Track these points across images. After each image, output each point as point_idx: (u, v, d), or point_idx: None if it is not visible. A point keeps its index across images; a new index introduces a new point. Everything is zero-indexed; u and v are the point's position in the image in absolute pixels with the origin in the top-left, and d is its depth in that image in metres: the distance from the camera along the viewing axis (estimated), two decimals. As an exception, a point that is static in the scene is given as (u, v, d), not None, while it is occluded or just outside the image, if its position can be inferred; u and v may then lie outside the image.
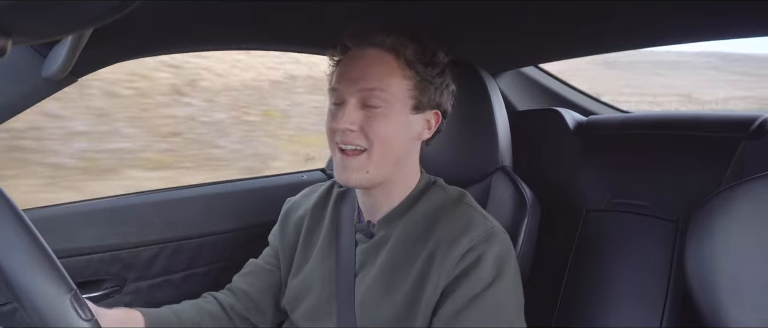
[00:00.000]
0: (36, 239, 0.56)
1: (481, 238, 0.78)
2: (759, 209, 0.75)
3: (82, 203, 1.13)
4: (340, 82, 0.82)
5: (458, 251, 0.77)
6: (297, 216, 0.99)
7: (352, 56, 0.83)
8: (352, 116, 0.79)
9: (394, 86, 0.80)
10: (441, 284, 0.77)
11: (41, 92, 0.86)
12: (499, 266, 0.77)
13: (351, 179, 0.81)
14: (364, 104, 0.80)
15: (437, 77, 0.83)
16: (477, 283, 0.76)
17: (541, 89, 1.59)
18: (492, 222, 0.83)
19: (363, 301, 0.83)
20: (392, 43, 0.80)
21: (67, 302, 0.55)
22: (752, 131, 1.01)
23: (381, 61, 0.80)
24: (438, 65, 0.83)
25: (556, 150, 1.27)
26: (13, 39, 0.30)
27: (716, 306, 0.76)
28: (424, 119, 0.85)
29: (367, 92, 0.79)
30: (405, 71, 0.81)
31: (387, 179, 0.84)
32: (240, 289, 0.97)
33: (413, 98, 0.81)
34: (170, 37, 0.98)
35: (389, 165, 0.82)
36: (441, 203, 0.86)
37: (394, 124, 0.80)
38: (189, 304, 0.93)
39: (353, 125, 0.79)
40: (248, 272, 1.00)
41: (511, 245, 0.82)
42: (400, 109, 0.81)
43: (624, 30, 1.10)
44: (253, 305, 0.96)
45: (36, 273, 0.54)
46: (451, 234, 0.79)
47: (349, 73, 0.81)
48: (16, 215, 0.56)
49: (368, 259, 0.86)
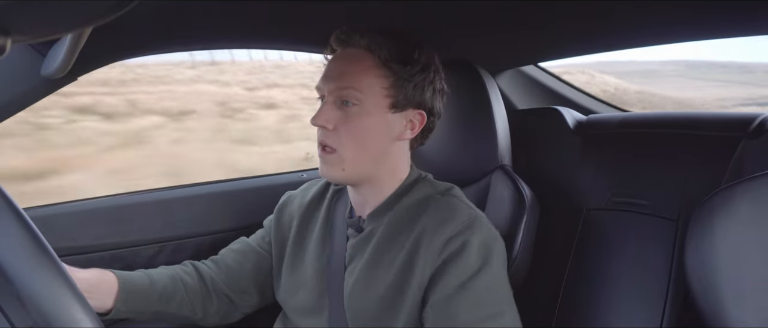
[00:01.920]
0: (37, 239, 0.56)
1: (465, 225, 0.79)
2: (759, 207, 0.75)
3: (81, 202, 1.13)
4: (322, 81, 0.84)
5: (442, 239, 0.78)
6: (292, 208, 1.00)
7: (335, 56, 0.86)
8: (328, 114, 0.82)
9: (368, 85, 0.81)
10: (427, 272, 0.78)
11: (40, 91, 0.86)
12: (485, 252, 0.78)
13: (328, 174, 0.84)
14: (341, 102, 0.82)
15: (417, 75, 0.83)
16: (464, 270, 0.77)
17: (541, 88, 1.59)
18: (475, 211, 0.84)
19: (351, 293, 0.84)
20: (367, 43, 0.82)
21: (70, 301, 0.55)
22: (752, 130, 1.01)
23: (356, 60, 0.82)
24: (417, 63, 0.83)
25: (556, 149, 1.27)
26: (13, 38, 0.30)
27: (717, 305, 0.76)
28: (405, 119, 0.85)
29: (342, 91, 0.81)
30: (380, 70, 0.82)
31: (368, 176, 0.86)
32: (227, 264, 0.97)
33: (390, 97, 0.82)
34: (169, 36, 0.98)
35: (365, 164, 0.84)
36: (427, 195, 0.87)
37: (367, 123, 0.81)
38: (165, 271, 0.93)
39: (329, 123, 0.81)
40: (238, 249, 1.00)
41: (496, 232, 0.83)
42: (375, 107, 0.81)
43: (624, 29, 1.10)
44: (238, 285, 0.96)
45: (38, 273, 0.54)
46: (435, 222, 0.81)
47: (327, 72, 0.84)
48: (17, 214, 0.56)
49: (357, 252, 0.87)
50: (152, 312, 0.88)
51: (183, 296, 0.91)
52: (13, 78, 0.82)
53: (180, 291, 0.91)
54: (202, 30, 1.00)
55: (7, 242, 0.55)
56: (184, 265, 0.96)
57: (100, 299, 0.81)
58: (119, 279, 0.84)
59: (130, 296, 0.84)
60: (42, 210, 1.06)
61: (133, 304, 0.85)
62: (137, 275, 0.88)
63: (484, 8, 0.96)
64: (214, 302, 0.94)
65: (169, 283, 0.90)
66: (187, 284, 0.92)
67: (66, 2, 0.30)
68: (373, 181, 0.87)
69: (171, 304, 0.90)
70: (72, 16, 0.31)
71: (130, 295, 0.84)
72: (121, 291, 0.83)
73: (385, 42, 0.82)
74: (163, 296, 0.89)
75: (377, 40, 0.82)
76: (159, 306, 0.88)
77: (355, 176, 0.85)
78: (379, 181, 0.87)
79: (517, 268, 0.96)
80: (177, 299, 0.90)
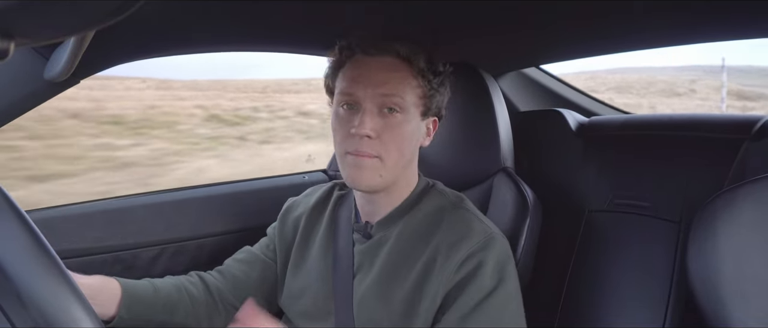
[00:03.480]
0: (38, 240, 0.56)
1: (481, 245, 0.79)
2: (761, 210, 0.74)
3: (83, 205, 1.13)
4: (356, 86, 0.82)
5: (458, 258, 0.78)
6: (296, 215, 1.00)
7: (364, 62, 0.83)
8: (372, 122, 0.79)
9: (408, 93, 0.82)
10: (441, 291, 0.78)
11: (44, 94, 0.86)
12: (500, 272, 0.79)
13: (364, 180, 0.82)
14: (382, 110, 0.81)
15: (441, 86, 0.87)
16: (479, 290, 0.77)
17: (543, 90, 1.59)
18: (491, 228, 0.83)
19: (362, 301, 0.84)
20: (407, 53, 0.83)
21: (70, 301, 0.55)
22: (754, 133, 1.01)
23: (398, 69, 0.82)
24: (442, 74, 0.86)
25: (558, 151, 1.27)
26: (16, 41, 0.30)
27: (719, 307, 0.75)
28: (426, 126, 0.88)
29: (387, 98, 0.80)
30: (417, 80, 0.83)
31: (395, 182, 0.86)
32: (233, 275, 0.96)
33: (423, 106, 0.85)
34: (172, 38, 0.98)
35: (399, 170, 0.84)
36: (440, 207, 0.87)
37: (408, 130, 0.83)
38: (170, 280, 0.92)
39: (373, 132, 0.79)
40: (243, 259, 0.99)
41: (509, 249, 0.83)
42: (413, 115, 0.83)
43: (625, 31, 1.10)
44: (245, 295, 0.94)
45: (39, 273, 0.54)
46: (450, 240, 0.80)
47: (366, 78, 0.81)
48: (19, 216, 0.56)
49: (367, 259, 0.86)
50: (157, 322, 0.87)
51: (188, 307, 0.89)
52: (17, 81, 0.82)
53: (185, 301, 0.89)
54: (204, 32, 1.00)
55: (8, 242, 0.55)
56: (190, 276, 0.95)
57: (103, 306, 0.80)
58: (123, 286, 0.83)
59: (133, 303, 0.83)
60: (43, 212, 1.06)
61: (137, 312, 0.84)
62: (141, 284, 0.87)
63: (485, 10, 0.96)
64: (222, 314, 0.93)
65: (174, 292, 0.89)
66: (192, 294, 0.91)
67: (69, 5, 0.30)
68: (392, 187, 0.86)
69: (175, 314, 0.88)
70: (75, 19, 0.31)
71: (134, 302, 0.83)
72: (125, 298, 0.82)
73: (421, 53, 0.83)
74: (167, 305, 0.87)
75: (415, 51, 0.83)
76: (163, 316, 0.87)
77: (389, 182, 0.84)
78: (396, 187, 0.87)
79: (519, 270, 0.96)
80: (182, 310, 0.89)
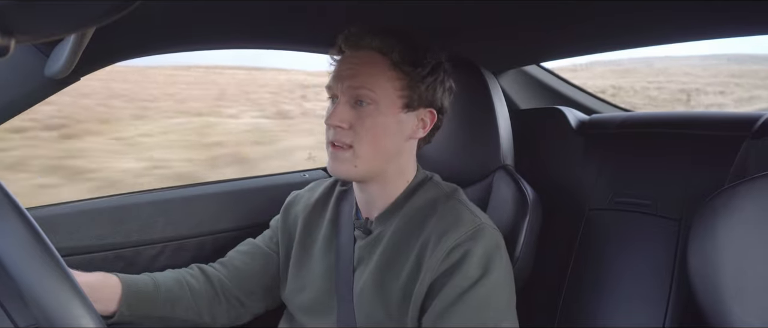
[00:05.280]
0: (40, 238, 0.56)
1: (468, 235, 0.79)
2: (762, 207, 0.74)
3: (84, 202, 1.13)
4: (334, 80, 0.85)
5: (445, 247, 0.78)
6: (298, 208, 1.00)
7: (345, 57, 0.87)
8: (343, 114, 0.83)
9: (382, 86, 0.82)
10: (427, 280, 0.79)
11: (44, 91, 0.86)
12: (486, 263, 0.78)
13: (340, 170, 0.85)
14: (355, 102, 0.83)
15: (428, 76, 0.85)
16: (463, 280, 0.77)
17: (544, 88, 1.59)
18: (480, 218, 0.84)
19: (361, 295, 0.85)
20: (379, 45, 0.83)
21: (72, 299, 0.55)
22: (755, 130, 1.01)
23: (369, 62, 0.83)
24: (427, 64, 0.85)
25: (559, 149, 1.27)
26: (16, 38, 0.30)
27: (720, 305, 0.75)
28: (417, 118, 0.87)
29: (357, 91, 0.82)
30: (393, 72, 0.83)
31: (378, 174, 0.86)
32: (235, 266, 0.97)
33: (403, 97, 0.84)
34: (172, 36, 0.98)
35: (378, 161, 0.84)
36: (433, 198, 0.88)
37: (383, 122, 0.83)
38: (171, 274, 0.92)
39: (344, 123, 0.82)
40: (246, 251, 1.00)
41: (500, 241, 0.83)
42: (389, 107, 0.83)
43: (626, 28, 1.10)
44: (247, 286, 0.96)
45: (40, 272, 0.55)
46: (440, 230, 0.81)
47: (340, 72, 0.85)
48: (20, 213, 0.56)
49: (366, 255, 0.87)
50: (158, 317, 0.87)
51: (189, 300, 0.90)
52: (17, 78, 0.82)
53: (186, 295, 0.90)
54: (204, 30, 1.00)
55: (10, 240, 0.55)
56: (191, 268, 0.95)
57: (104, 303, 0.81)
58: (123, 282, 0.84)
59: (134, 299, 0.84)
60: (44, 210, 1.06)
61: (138, 307, 0.84)
62: (141, 279, 0.88)
63: (486, 8, 0.96)
64: (223, 305, 0.94)
65: (175, 286, 0.90)
66: (192, 287, 0.91)
67: (69, 3, 0.30)
68: (382, 180, 0.87)
69: (176, 308, 0.89)
70: (75, 16, 0.31)
71: (134, 298, 0.84)
72: (125, 294, 0.83)
73: (397, 44, 0.83)
74: (168, 300, 0.88)
75: (389, 43, 0.83)
76: (164, 310, 0.87)
77: (366, 173, 0.85)
78: (388, 180, 0.88)
79: (519, 268, 0.96)
80: (183, 303, 0.89)
